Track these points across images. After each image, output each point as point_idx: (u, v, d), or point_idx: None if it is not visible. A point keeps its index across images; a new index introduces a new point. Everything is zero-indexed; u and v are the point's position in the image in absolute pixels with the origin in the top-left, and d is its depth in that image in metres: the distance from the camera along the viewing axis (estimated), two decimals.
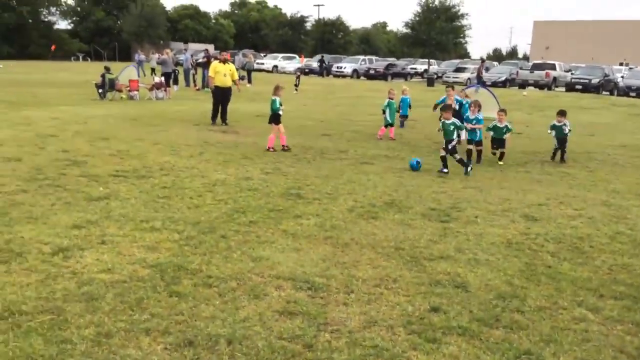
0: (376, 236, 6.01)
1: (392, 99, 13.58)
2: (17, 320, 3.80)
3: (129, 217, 6.19)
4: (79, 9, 72.57)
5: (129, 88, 20.46)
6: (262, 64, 52.45)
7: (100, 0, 71.58)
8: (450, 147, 9.51)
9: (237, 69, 16.72)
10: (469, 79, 41.41)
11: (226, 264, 4.99)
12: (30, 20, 62.77)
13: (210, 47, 59.57)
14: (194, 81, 27.99)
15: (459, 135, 9.74)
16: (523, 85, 39.93)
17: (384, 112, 13.48)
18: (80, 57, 63.06)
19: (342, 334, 3.87)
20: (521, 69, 43.38)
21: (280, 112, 11.01)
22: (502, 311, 4.32)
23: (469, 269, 5.17)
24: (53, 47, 52.87)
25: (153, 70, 30.31)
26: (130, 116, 15.19)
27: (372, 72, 47.25)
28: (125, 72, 21.58)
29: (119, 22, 70.82)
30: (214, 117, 14.47)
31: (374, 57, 56.00)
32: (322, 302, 4.34)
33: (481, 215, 7.01)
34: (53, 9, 68.49)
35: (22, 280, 4.45)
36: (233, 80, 14.74)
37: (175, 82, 25.48)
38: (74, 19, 73.03)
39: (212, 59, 19.61)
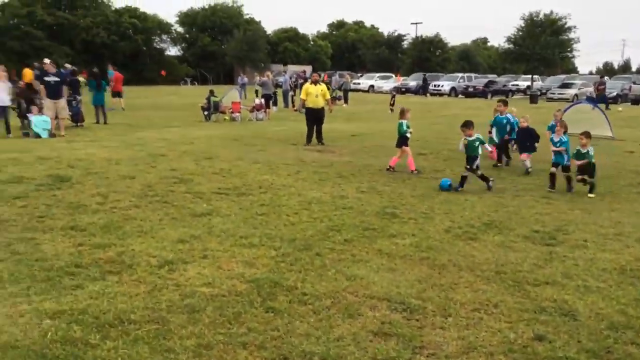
0: (475, 258, 5.80)
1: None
2: (126, 329, 4.04)
3: (229, 233, 6.42)
4: (187, 35, 77.31)
5: (231, 110, 21.39)
6: (359, 83, 52.86)
7: (206, 27, 75.79)
8: (475, 166, 9.34)
9: (334, 89, 16.94)
10: (575, 95, 39.28)
11: (321, 282, 5.02)
12: (144, 48, 67.68)
13: (308, 68, 60.98)
14: (292, 102, 28.76)
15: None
16: (637, 101, 37.26)
17: (490, 131, 12.92)
18: (188, 81, 66.92)
19: (439, 358, 3.75)
20: (634, 83, 40.51)
21: (408, 135, 11.01)
22: (614, 342, 4.00)
23: (578, 296, 4.84)
24: (163, 73, 56.54)
25: (257, 92, 31.55)
26: (232, 136, 15.84)
27: (470, 89, 46.16)
28: (228, 95, 22.62)
29: (223, 46, 74.51)
30: (308, 137, 14.72)
31: (473, 75, 54.67)
32: (418, 325, 4.24)
33: (591, 238, 6.56)
34: (164, 37, 73.54)
35: (132, 290, 4.73)
36: (326, 100, 14.93)
37: (275, 103, 26.33)
38: (183, 45, 77.86)
39: (309, 80, 20.08)
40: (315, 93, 14.57)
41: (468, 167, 9.42)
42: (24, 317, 4.15)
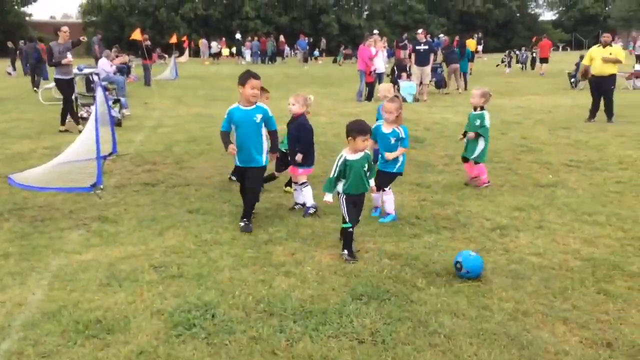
0: None
1: None
2: (450, 280, 4.27)
3: (572, 208, 6.03)
4: None
5: None
6: None
7: None
8: None
9: None
10: None
11: None
12: (517, 14, 66.38)
13: None
14: None
15: None
16: None
17: None
18: (560, 47, 62.99)
19: None
20: None
21: None
22: None
23: None
24: (534, 39, 54.50)
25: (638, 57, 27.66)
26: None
27: None
28: None
29: (607, 8, 67.16)
30: None
31: None
32: None
33: None
34: (541, 1, 70.49)
35: (462, 247, 4.91)
36: None
37: None
38: (560, 9, 73.25)
39: None
40: None
41: None
42: (367, 254, 4.84)
